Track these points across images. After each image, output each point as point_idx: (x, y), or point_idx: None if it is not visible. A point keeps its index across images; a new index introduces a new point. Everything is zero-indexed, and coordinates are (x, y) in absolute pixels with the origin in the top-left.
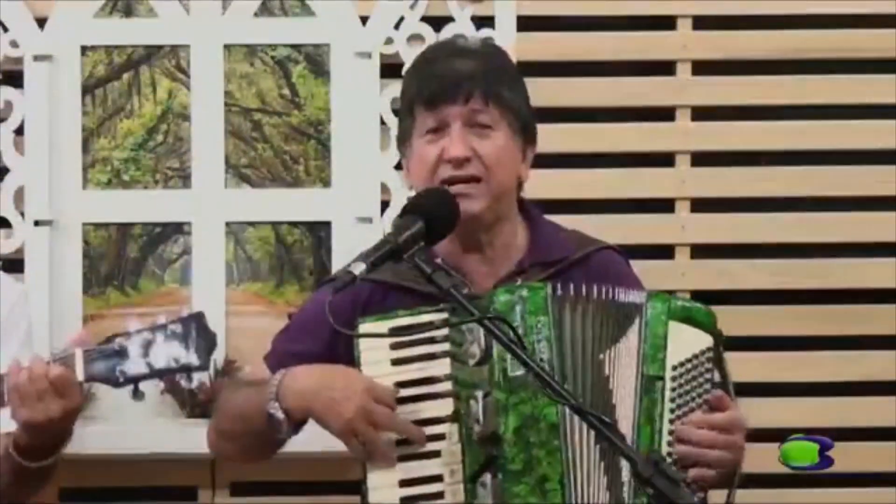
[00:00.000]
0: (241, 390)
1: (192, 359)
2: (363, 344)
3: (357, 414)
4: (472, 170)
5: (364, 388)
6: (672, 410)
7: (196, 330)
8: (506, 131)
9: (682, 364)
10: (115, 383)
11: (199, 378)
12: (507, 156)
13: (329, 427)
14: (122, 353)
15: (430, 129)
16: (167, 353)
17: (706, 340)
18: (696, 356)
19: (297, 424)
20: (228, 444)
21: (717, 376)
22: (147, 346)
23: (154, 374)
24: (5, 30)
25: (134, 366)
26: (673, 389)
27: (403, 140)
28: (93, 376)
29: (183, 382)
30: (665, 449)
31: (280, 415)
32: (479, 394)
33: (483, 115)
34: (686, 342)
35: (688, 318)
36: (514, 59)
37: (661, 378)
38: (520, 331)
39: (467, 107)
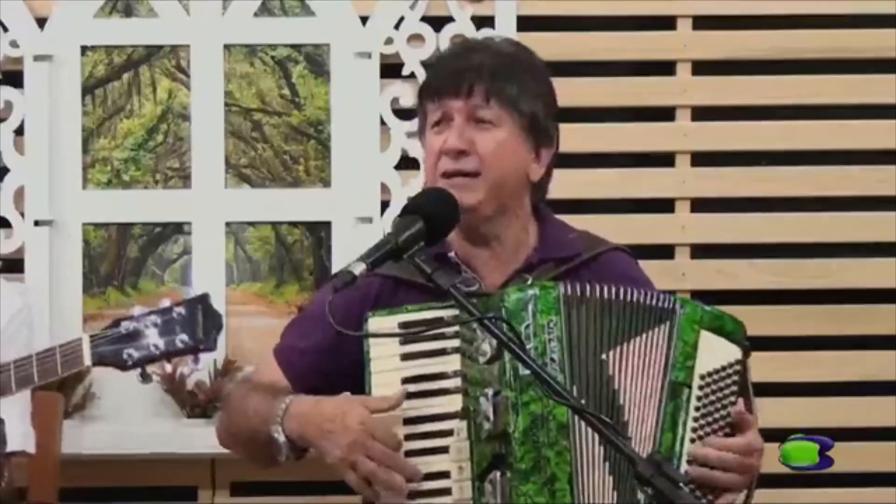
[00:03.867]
0: (251, 397)
1: (199, 340)
2: (372, 338)
3: (351, 448)
4: (468, 164)
5: (360, 423)
6: (696, 419)
7: (202, 311)
8: (510, 128)
9: (710, 374)
10: (123, 367)
11: (198, 378)
12: (507, 152)
13: (326, 458)
14: (129, 337)
15: (435, 121)
16: (174, 335)
17: (735, 353)
18: (724, 367)
19: (299, 451)
20: (235, 445)
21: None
22: (154, 329)
23: (162, 355)
24: (5, 30)
25: (141, 349)
26: (699, 398)
27: (420, 133)
28: (101, 360)
29: (184, 378)
30: (685, 457)
31: (282, 439)
32: (490, 392)
33: (484, 110)
34: (715, 352)
35: (719, 329)
36: (539, 58)
37: (689, 386)
38: (531, 330)
39: (469, 102)
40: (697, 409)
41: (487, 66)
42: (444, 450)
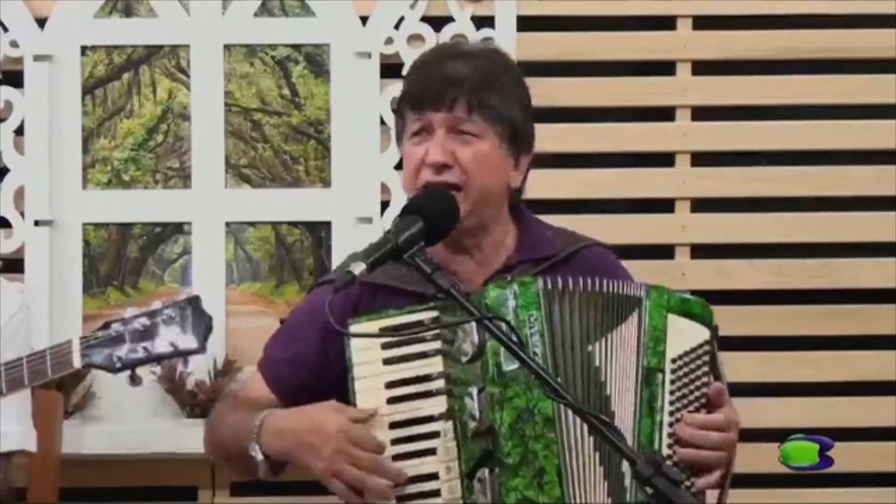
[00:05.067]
0: (234, 413)
1: (189, 343)
2: (354, 344)
3: (334, 457)
4: (451, 177)
5: (339, 431)
6: (672, 403)
7: (192, 313)
8: (492, 140)
9: (680, 357)
10: (113, 369)
11: (198, 378)
12: (490, 164)
13: (309, 470)
14: (118, 339)
15: (415, 131)
16: (164, 337)
17: (704, 333)
18: (693, 349)
19: (277, 466)
20: (218, 458)
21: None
22: (144, 332)
23: (151, 358)
24: (5, 30)
25: (131, 351)
26: (672, 382)
27: (398, 139)
28: (90, 363)
29: (184, 378)
30: (665, 441)
31: (259, 457)
32: (474, 390)
33: (467, 123)
34: (684, 335)
35: (686, 312)
36: (514, 60)
37: (661, 370)
38: (512, 325)
39: (451, 114)
40: (672, 392)
41: (469, 76)
42: (431, 451)
